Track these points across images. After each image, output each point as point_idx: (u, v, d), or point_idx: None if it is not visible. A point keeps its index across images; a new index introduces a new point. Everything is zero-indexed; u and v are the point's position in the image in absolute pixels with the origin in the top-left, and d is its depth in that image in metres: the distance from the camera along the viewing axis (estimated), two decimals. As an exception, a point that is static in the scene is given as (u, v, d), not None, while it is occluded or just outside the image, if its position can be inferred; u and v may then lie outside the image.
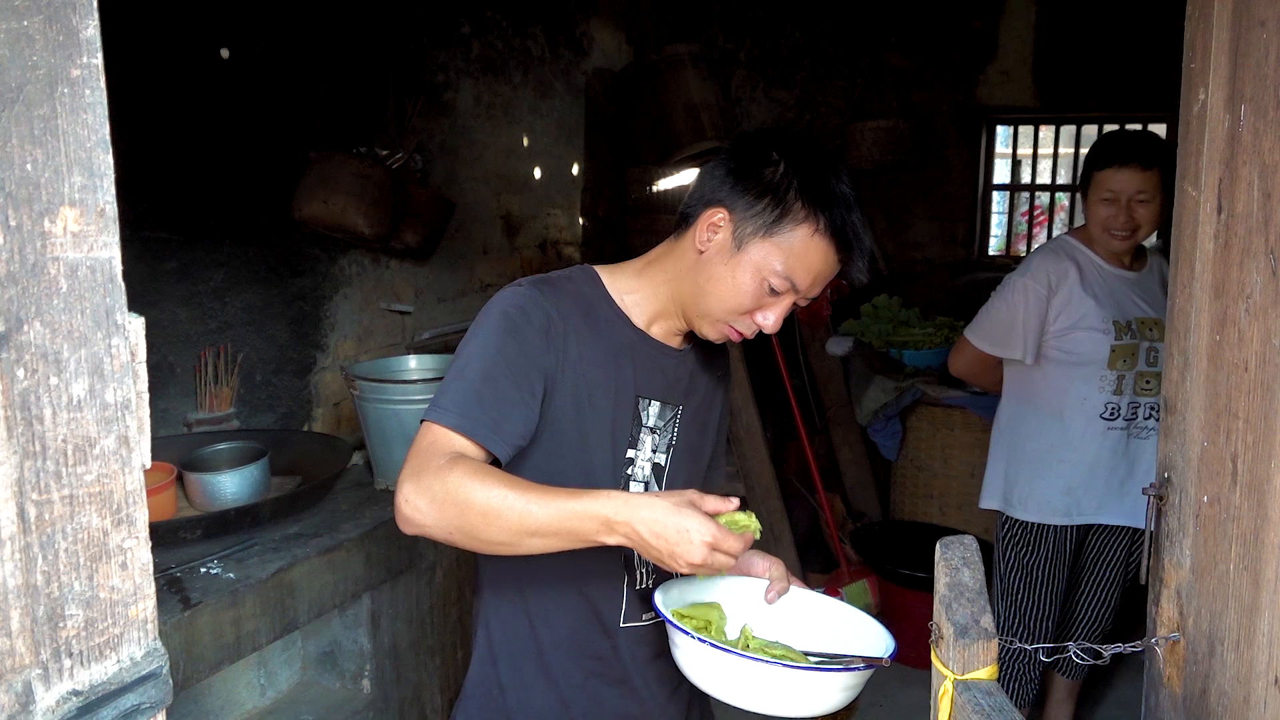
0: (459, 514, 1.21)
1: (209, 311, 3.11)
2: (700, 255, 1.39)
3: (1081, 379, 2.60)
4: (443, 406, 1.31)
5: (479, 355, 1.34)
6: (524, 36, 4.71)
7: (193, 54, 3.04)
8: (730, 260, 1.36)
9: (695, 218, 1.41)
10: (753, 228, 1.35)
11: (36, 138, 0.57)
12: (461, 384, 1.32)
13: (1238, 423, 1.02)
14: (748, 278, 1.36)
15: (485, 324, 1.37)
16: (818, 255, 1.35)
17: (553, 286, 1.42)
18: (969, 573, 1.16)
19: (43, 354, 0.58)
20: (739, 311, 1.38)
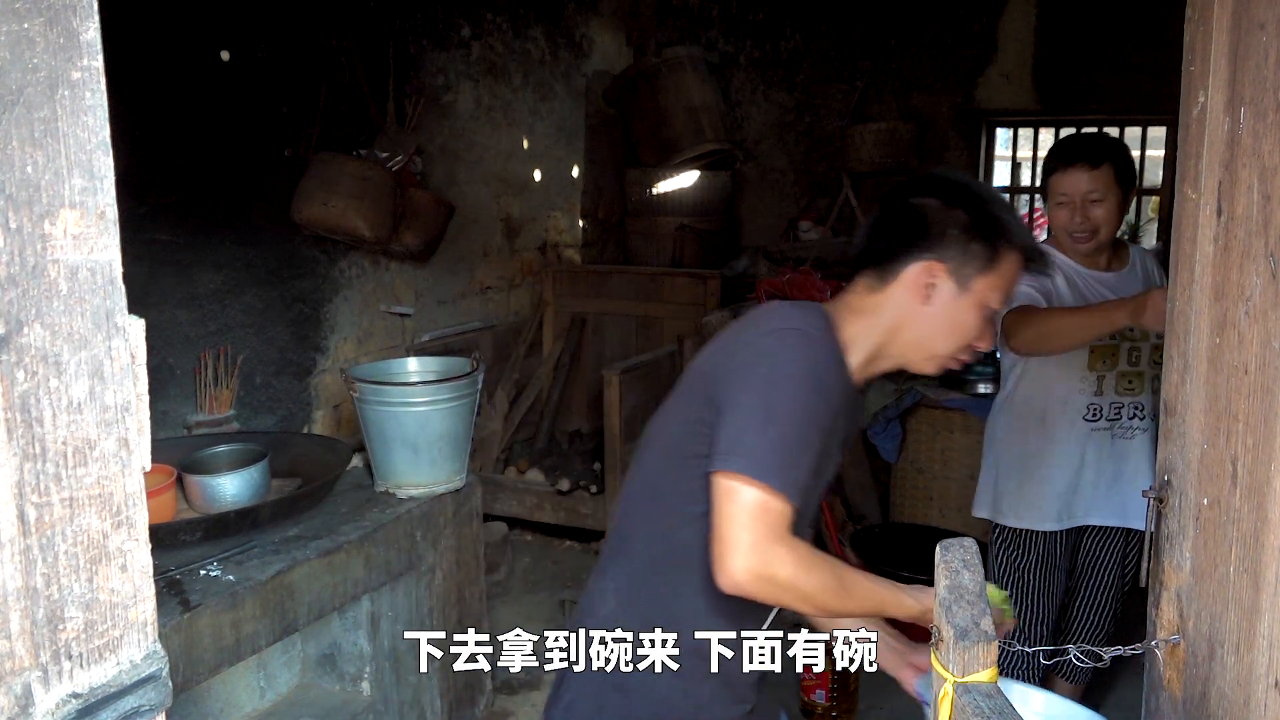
0: (787, 599, 1.36)
1: (209, 314, 3.12)
2: (924, 306, 1.49)
3: (1061, 380, 2.59)
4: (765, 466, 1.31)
5: (792, 411, 1.36)
6: (524, 39, 4.71)
7: (192, 57, 3.04)
8: (958, 302, 1.49)
9: (896, 274, 1.50)
10: (973, 268, 1.47)
11: (37, 140, 0.57)
12: (778, 440, 1.33)
13: (1238, 425, 1.02)
14: (976, 313, 1.49)
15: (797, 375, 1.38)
16: (1018, 270, 1.53)
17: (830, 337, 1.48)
18: (969, 575, 1.16)
19: (43, 356, 0.58)
20: (963, 342, 1.52)
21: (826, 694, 3.29)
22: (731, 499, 1.31)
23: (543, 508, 4.25)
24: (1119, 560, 2.80)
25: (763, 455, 1.31)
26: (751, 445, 1.32)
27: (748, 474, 1.30)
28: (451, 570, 2.91)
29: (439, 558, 2.84)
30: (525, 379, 4.76)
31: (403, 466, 2.76)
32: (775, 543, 1.30)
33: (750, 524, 1.29)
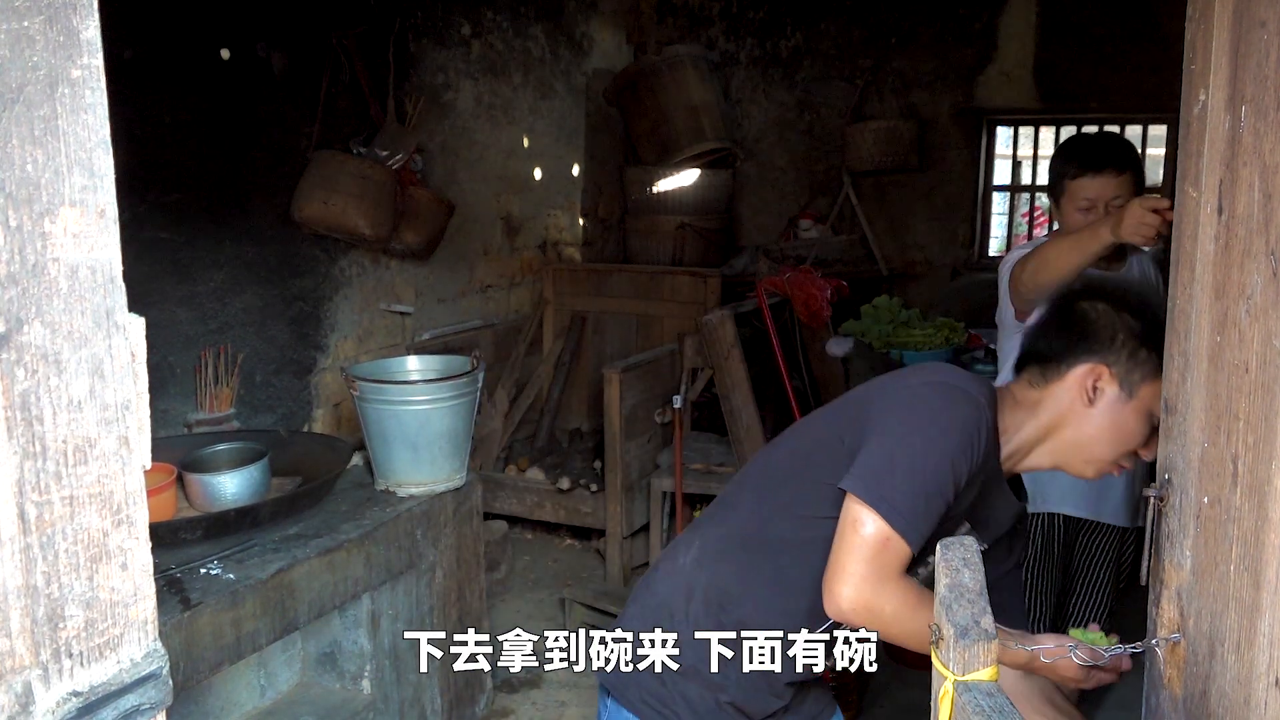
0: (886, 631, 1.40)
1: (209, 312, 3.12)
2: (1089, 409, 1.49)
3: None
4: (898, 508, 1.36)
5: (939, 463, 1.39)
6: (524, 37, 4.71)
7: (193, 55, 3.04)
8: (1124, 408, 1.48)
9: (1061, 374, 1.51)
10: (1141, 374, 1.47)
11: (37, 138, 0.57)
12: (917, 487, 1.38)
13: (1238, 424, 1.02)
14: (1141, 420, 1.48)
15: (951, 428, 1.42)
16: None
17: (989, 411, 1.49)
18: (969, 574, 1.16)
19: (43, 354, 0.58)
20: (1129, 450, 1.50)
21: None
22: (857, 529, 1.37)
23: (543, 506, 4.25)
24: (1114, 558, 2.80)
25: (899, 498, 1.37)
26: (891, 485, 1.37)
27: (880, 511, 1.36)
28: (452, 568, 2.91)
29: (439, 556, 2.84)
30: (525, 377, 4.76)
31: (403, 465, 2.76)
32: (887, 580, 1.36)
33: (868, 557, 1.36)
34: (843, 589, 1.36)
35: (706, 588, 1.55)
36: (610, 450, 3.99)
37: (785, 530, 1.50)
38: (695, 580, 1.56)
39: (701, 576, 1.56)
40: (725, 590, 1.54)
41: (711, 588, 1.54)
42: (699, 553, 1.59)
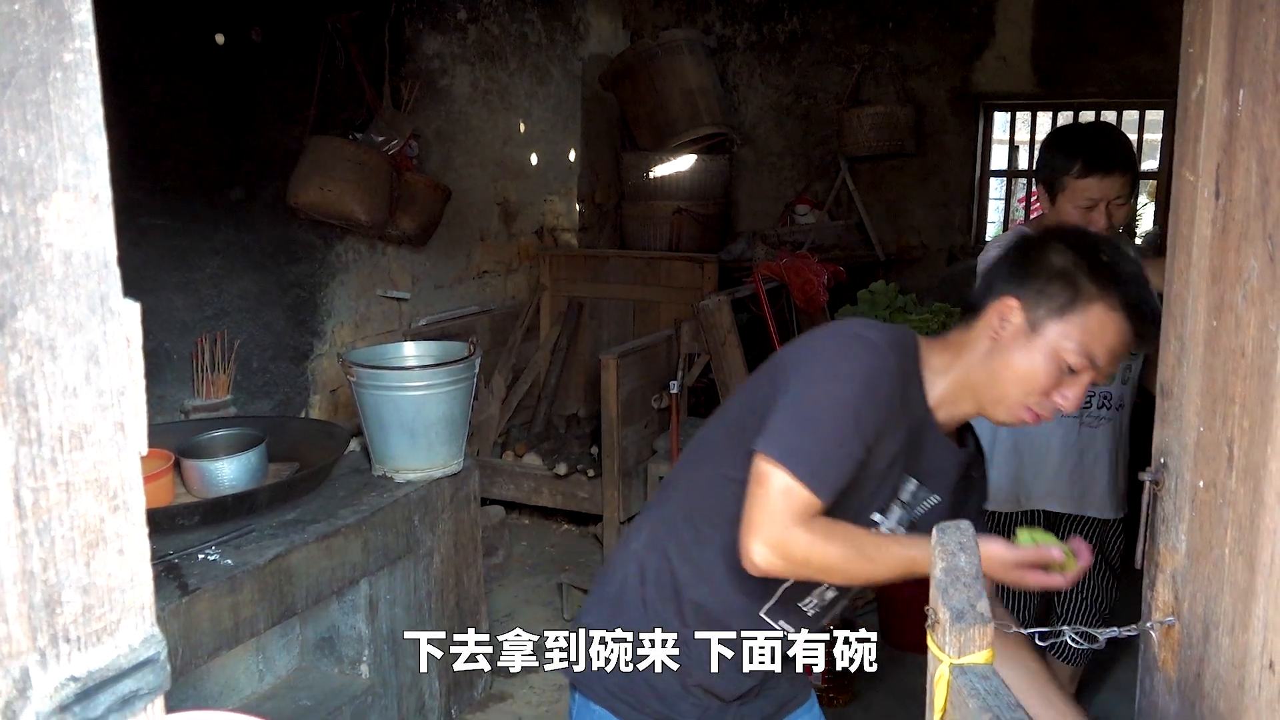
0: (807, 570, 1.39)
1: (205, 298, 3.11)
2: (994, 342, 1.45)
3: None
4: (801, 457, 1.35)
5: (840, 414, 1.38)
6: (520, 22, 4.69)
7: (188, 40, 3.03)
8: (1027, 344, 1.41)
9: (984, 308, 1.46)
10: (1046, 310, 1.40)
11: (29, 123, 0.56)
12: (818, 438, 1.37)
13: (1234, 408, 1.02)
14: (1045, 359, 1.40)
15: (850, 377, 1.40)
16: (1114, 331, 1.39)
17: (899, 352, 1.45)
18: (965, 557, 1.16)
19: (38, 340, 0.58)
20: (1037, 393, 1.42)
21: (824, 676, 3.30)
22: (761, 483, 1.37)
23: (540, 491, 4.26)
24: (1097, 548, 2.81)
25: (798, 446, 1.36)
26: (790, 435, 1.37)
27: (782, 461, 1.35)
28: (449, 553, 2.91)
29: (437, 541, 2.84)
30: (522, 363, 4.76)
31: (400, 450, 2.76)
32: (793, 525, 1.34)
33: (771, 508, 1.35)
34: (751, 543, 1.36)
35: (658, 570, 1.55)
36: (607, 436, 3.99)
37: (726, 502, 1.48)
38: (647, 562, 1.56)
39: (652, 559, 1.56)
40: (675, 570, 1.53)
41: (662, 570, 1.54)
42: (649, 535, 1.59)
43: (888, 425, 1.42)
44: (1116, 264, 1.41)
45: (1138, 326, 1.40)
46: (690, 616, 1.53)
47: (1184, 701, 1.15)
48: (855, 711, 3.32)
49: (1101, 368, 1.41)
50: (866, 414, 1.38)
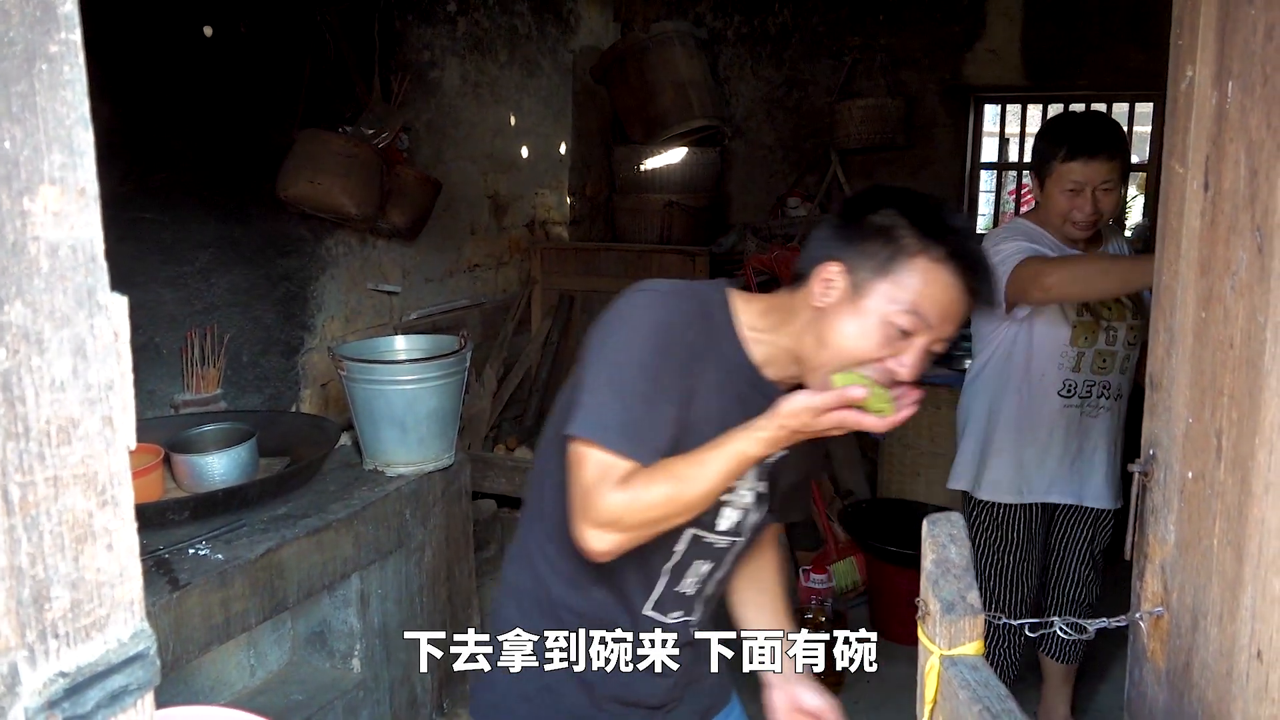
0: (643, 529, 1.30)
1: (195, 292, 3.10)
2: (819, 310, 1.35)
3: (1044, 356, 2.60)
4: (607, 429, 1.29)
5: (633, 373, 1.31)
6: (510, 14, 4.67)
7: (176, 31, 3.01)
8: (852, 309, 1.32)
9: (809, 275, 1.38)
10: (869, 270, 1.32)
11: (14, 115, 0.56)
12: (620, 403, 1.30)
13: (1223, 399, 1.02)
14: (873, 323, 1.31)
15: (635, 336, 1.33)
16: (941, 286, 1.31)
17: (693, 303, 1.38)
18: (956, 549, 1.16)
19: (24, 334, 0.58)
20: (865, 360, 1.33)
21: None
22: (577, 466, 1.31)
23: (532, 485, 4.25)
24: (1088, 538, 2.82)
25: (602, 417, 1.29)
26: (593, 410, 1.30)
27: (591, 438, 1.29)
28: (441, 548, 2.91)
29: (428, 535, 2.84)
30: (513, 357, 4.76)
31: (391, 445, 2.76)
32: (606, 493, 1.27)
33: (591, 487, 1.29)
34: (583, 531, 1.30)
35: (533, 593, 1.51)
36: (599, 429, 3.99)
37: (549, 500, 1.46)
38: (520, 588, 1.53)
39: (524, 581, 1.53)
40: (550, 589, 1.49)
41: (538, 591, 1.51)
42: (516, 559, 1.57)
43: (699, 378, 1.35)
44: (940, 216, 1.34)
45: (967, 279, 1.32)
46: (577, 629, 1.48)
47: (1173, 691, 1.16)
48: (845, 703, 3.32)
49: (936, 328, 1.32)
50: (663, 365, 1.31)
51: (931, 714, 1.14)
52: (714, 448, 1.29)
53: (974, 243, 1.34)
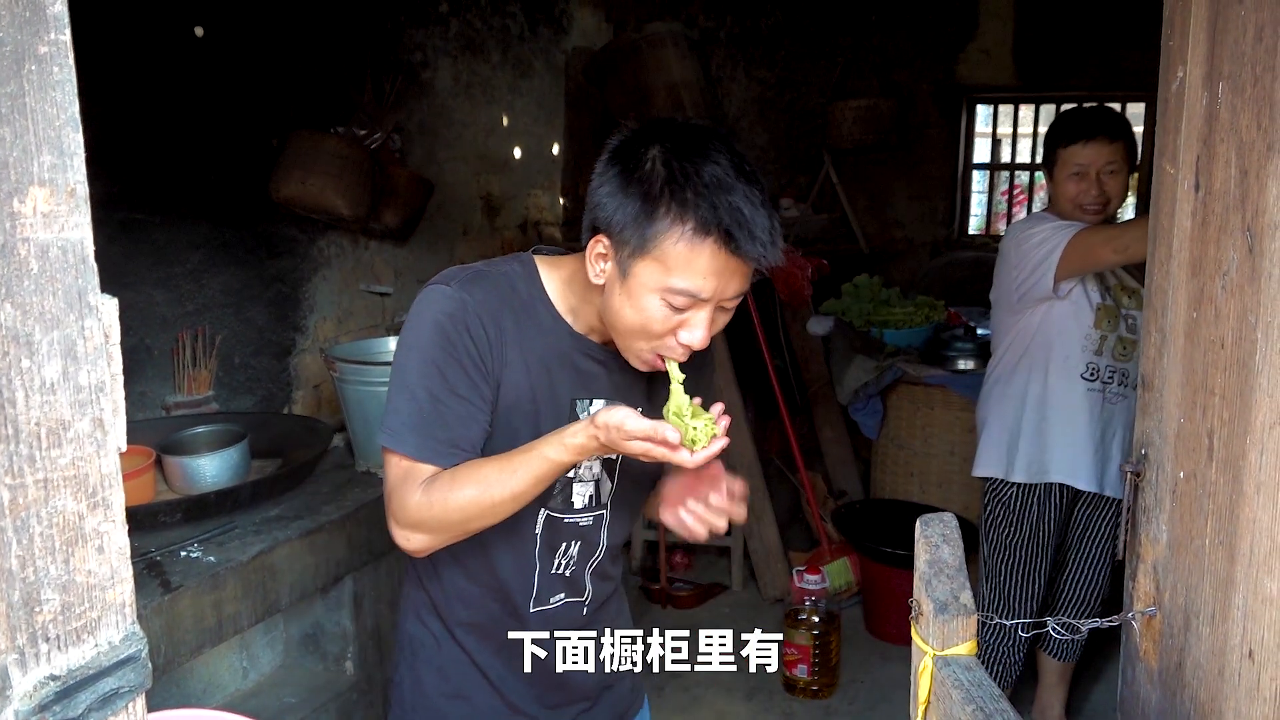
0: (450, 530, 1.32)
1: (186, 293, 3.09)
2: (599, 287, 1.32)
3: (1068, 339, 2.64)
4: (399, 433, 1.32)
5: (421, 372, 1.31)
6: (502, 15, 4.67)
7: (167, 32, 3.00)
8: (623, 289, 1.27)
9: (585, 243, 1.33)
10: (630, 249, 1.25)
11: (4, 116, 0.56)
12: (412, 405, 1.32)
13: (1214, 399, 1.03)
14: (644, 303, 1.26)
15: (420, 335, 1.32)
16: (702, 257, 1.22)
17: (484, 285, 1.34)
18: (949, 549, 1.17)
19: (14, 336, 0.57)
20: (654, 337, 1.29)
21: (809, 668, 3.32)
22: (387, 471, 1.35)
23: (525, 486, 4.25)
24: (1111, 533, 2.82)
25: (396, 423, 1.32)
26: (390, 416, 1.33)
27: (390, 445, 1.33)
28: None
29: (421, 537, 2.83)
30: (507, 358, 4.74)
31: (384, 446, 2.75)
32: (409, 496, 1.31)
33: (395, 490, 1.33)
34: (392, 531, 1.34)
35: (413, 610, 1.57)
36: (592, 430, 3.98)
37: None
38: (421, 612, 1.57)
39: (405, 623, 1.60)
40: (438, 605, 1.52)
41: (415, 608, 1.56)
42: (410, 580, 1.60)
43: (501, 363, 1.33)
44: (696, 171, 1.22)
45: (725, 242, 1.21)
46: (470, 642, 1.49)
47: (1165, 691, 1.16)
48: (840, 704, 3.33)
49: (713, 296, 1.25)
50: (450, 359, 1.30)
51: (925, 714, 1.14)
52: (524, 452, 1.28)
53: (735, 196, 1.22)
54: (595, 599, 1.55)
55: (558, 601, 1.50)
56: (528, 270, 1.41)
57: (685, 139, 1.26)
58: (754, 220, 1.22)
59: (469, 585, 1.47)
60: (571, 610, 1.52)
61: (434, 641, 1.51)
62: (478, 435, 1.34)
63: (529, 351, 1.36)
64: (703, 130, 1.29)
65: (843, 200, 5.49)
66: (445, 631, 1.50)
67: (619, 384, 1.43)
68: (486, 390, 1.33)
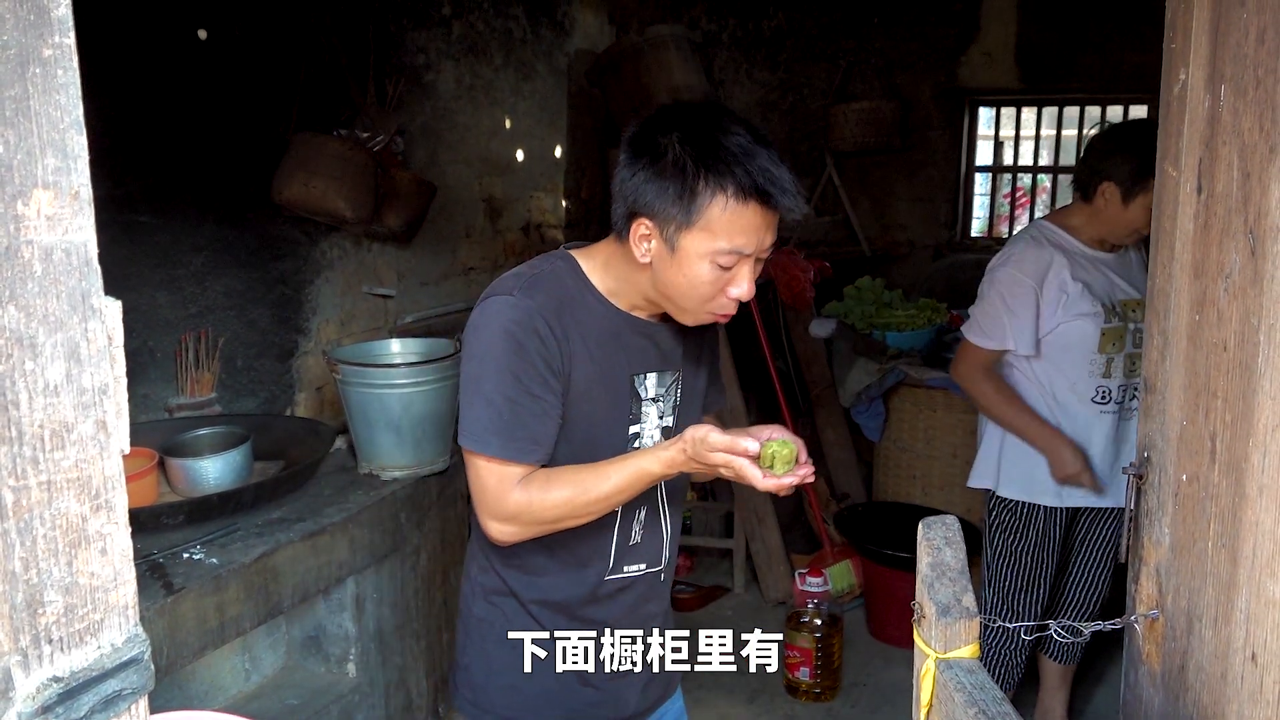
0: (544, 525, 1.45)
1: (189, 295, 3.09)
2: (647, 266, 1.44)
3: (1070, 365, 2.59)
4: (481, 437, 1.43)
5: (497, 379, 1.42)
6: (505, 17, 4.67)
7: (170, 34, 3.01)
8: (672, 262, 1.40)
9: (626, 230, 1.44)
10: (675, 225, 1.38)
11: (8, 119, 0.56)
12: (490, 411, 1.42)
13: (1217, 402, 1.02)
14: (696, 269, 1.39)
15: (492, 344, 1.42)
16: (745, 218, 1.36)
17: (541, 288, 1.46)
18: (951, 552, 1.17)
19: (18, 338, 0.57)
20: (710, 298, 1.42)
21: (811, 671, 3.32)
22: (470, 470, 1.47)
23: (527, 489, 4.25)
24: (1113, 539, 2.80)
25: (476, 427, 1.44)
26: (469, 420, 1.45)
27: (471, 447, 1.44)
28: (436, 552, 2.91)
29: (423, 539, 2.84)
30: (509, 360, 4.74)
31: (386, 448, 2.75)
32: (507, 493, 1.43)
33: (485, 488, 1.45)
34: (486, 524, 1.46)
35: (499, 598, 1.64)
36: (594, 432, 3.98)
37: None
38: (490, 591, 1.65)
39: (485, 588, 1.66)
40: (511, 586, 1.61)
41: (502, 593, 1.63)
42: (473, 570, 1.69)
43: (569, 355, 1.44)
44: (719, 144, 1.36)
45: (763, 201, 1.36)
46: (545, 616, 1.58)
47: (1168, 694, 1.16)
48: (842, 707, 3.33)
49: (756, 250, 1.40)
50: (522, 362, 1.41)
51: (927, 717, 1.14)
52: (619, 462, 1.43)
53: (759, 161, 1.36)
54: (668, 565, 1.67)
55: (634, 571, 1.61)
56: (570, 265, 1.52)
57: (697, 119, 1.41)
58: (782, 178, 1.37)
59: (548, 561, 1.56)
60: (650, 579, 1.63)
61: (504, 620, 1.59)
62: (553, 430, 1.46)
63: (589, 339, 1.47)
64: (709, 107, 1.46)
65: (845, 203, 5.49)
66: (519, 608, 1.58)
67: (665, 353, 1.56)
68: (557, 385, 1.44)
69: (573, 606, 1.58)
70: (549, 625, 1.57)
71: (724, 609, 4.00)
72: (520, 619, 1.58)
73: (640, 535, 1.60)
